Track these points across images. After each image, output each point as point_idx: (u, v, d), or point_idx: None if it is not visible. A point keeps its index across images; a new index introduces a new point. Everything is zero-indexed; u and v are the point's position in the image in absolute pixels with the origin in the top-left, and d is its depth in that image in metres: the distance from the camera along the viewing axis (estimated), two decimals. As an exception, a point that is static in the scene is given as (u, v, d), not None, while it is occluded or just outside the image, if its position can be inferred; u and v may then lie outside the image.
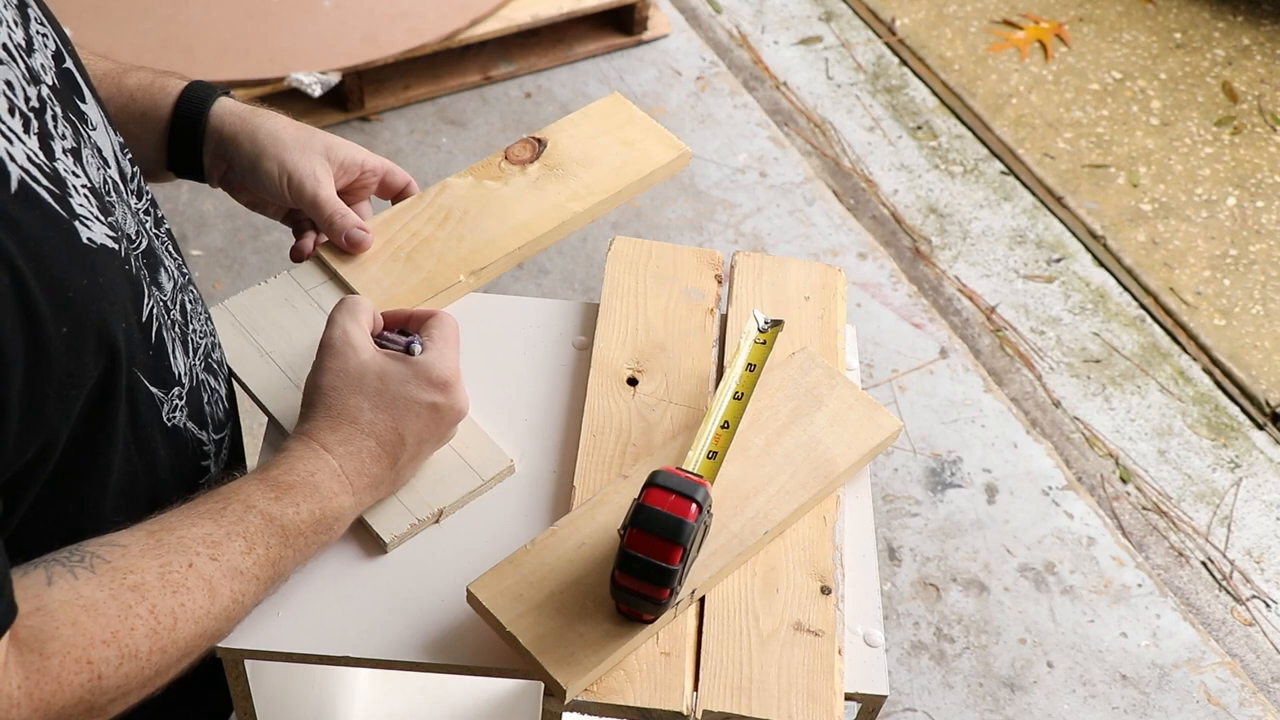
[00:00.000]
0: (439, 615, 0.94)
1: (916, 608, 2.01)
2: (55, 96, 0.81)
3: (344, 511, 0.91)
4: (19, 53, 0.78)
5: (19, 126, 0.74)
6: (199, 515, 0.83)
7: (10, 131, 0.72)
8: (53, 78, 0.82)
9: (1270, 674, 2.00)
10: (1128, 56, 2.96)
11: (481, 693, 1.47)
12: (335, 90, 2.51)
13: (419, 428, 0.93)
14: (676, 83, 2.74)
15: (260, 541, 0.84)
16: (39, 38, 0.82)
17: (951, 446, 2.20)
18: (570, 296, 2.34)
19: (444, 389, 0.94)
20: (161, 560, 0.79)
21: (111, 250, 0.79)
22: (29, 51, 0.80)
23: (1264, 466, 2.25)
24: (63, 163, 0.77)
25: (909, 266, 2.49)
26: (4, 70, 0.74)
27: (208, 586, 0.80)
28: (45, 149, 0.76)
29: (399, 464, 0.94)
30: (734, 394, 0.99)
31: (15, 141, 0.72)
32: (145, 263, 0.87)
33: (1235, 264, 2.56)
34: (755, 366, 1.01)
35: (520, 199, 1.17)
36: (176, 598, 0.78)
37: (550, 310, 1.16)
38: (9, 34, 0.77)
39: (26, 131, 0.74)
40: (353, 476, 0.91)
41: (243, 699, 0.98)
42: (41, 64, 0.81)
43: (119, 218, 0.84)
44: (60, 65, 0.84)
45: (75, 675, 0.73)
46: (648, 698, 0.89)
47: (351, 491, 0.91)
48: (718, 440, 0.96)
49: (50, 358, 0.72)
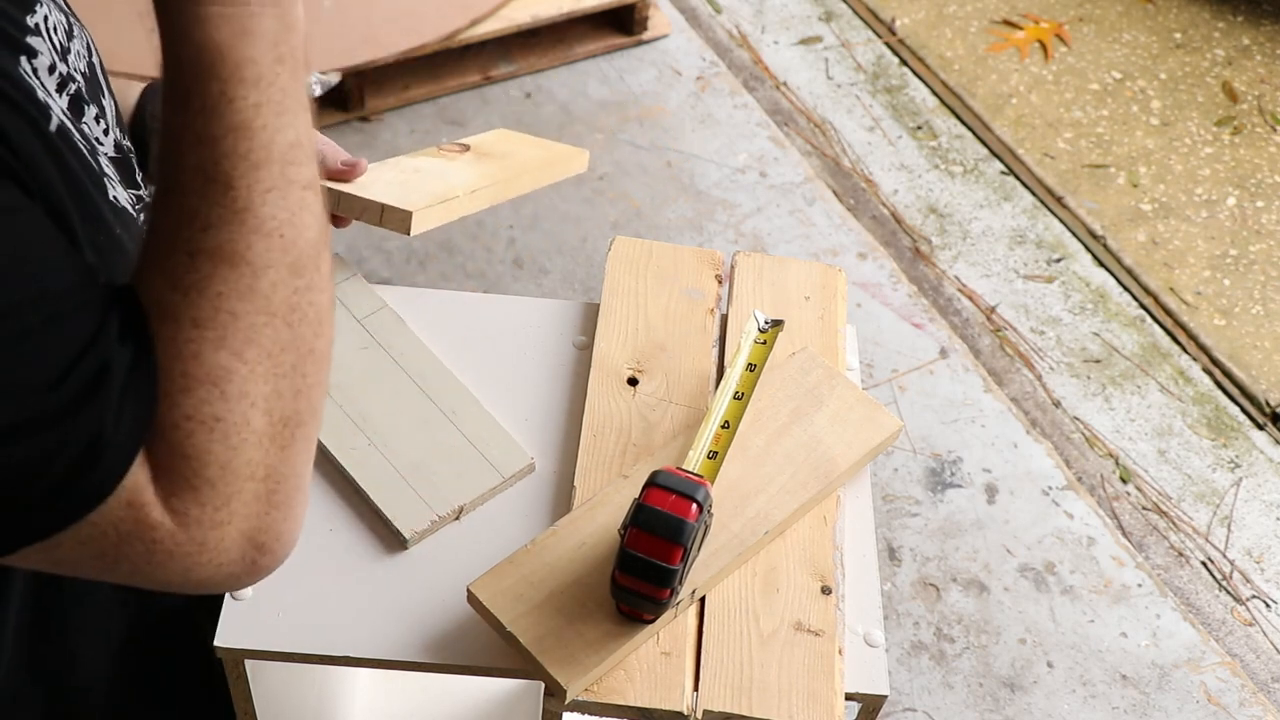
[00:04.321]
0: (439, 615, 0.94)
1: (916, 608, 2.01)
2: (85, 82, 0.82)
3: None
4: (57, 32, 0.78)
5: (54, 85, 0.74)
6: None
7: (45, 88, 0.72)
8: (84, 66, 0.83)
9: (1270, 674, 2.00)
10: (1128, 56, 2.96)
11: (481, 693, 1.47)
12: (335, 90, 2.51)
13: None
14: (676, 83, 2.74)
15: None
16: (77, 28, 0.84)
17: (951, 446, 2.20)
18: (570, 296, 2.34)
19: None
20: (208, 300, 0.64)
21: (132, 215, 0.79)
22: (69, 35, 0.81)
23: (1264, 466, 2.25)
24: (89, 127, 0.78)
25: (909, 266, 2.49)
26: (40, 42, 0.75)
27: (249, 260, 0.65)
28: (75, 110, 0.76)
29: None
30: (734, 394, 0.99)
31: (52, 98, 0.73)
32: None
33: (1235, 264, 2.56)
34: (756, 366, 1.01)
35: (469, 168, 1.19)
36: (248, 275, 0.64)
37: (550, 310, 1.16)
38: (51, 15, 0.78)
39: (60, 92, 0.75)
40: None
41: (243, 699, 0.98)
42: (77, 50, 0.82)
43: (144, 192, 0.85)
44: (90, 58, 0.85)
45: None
46: (648, 697, 0.89)
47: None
48: (718, 440, 0.96)
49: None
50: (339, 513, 1.00)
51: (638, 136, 2.62)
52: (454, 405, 1.06)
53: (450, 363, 1.09)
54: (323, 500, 1.00)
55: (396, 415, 1.04)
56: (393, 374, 1.07)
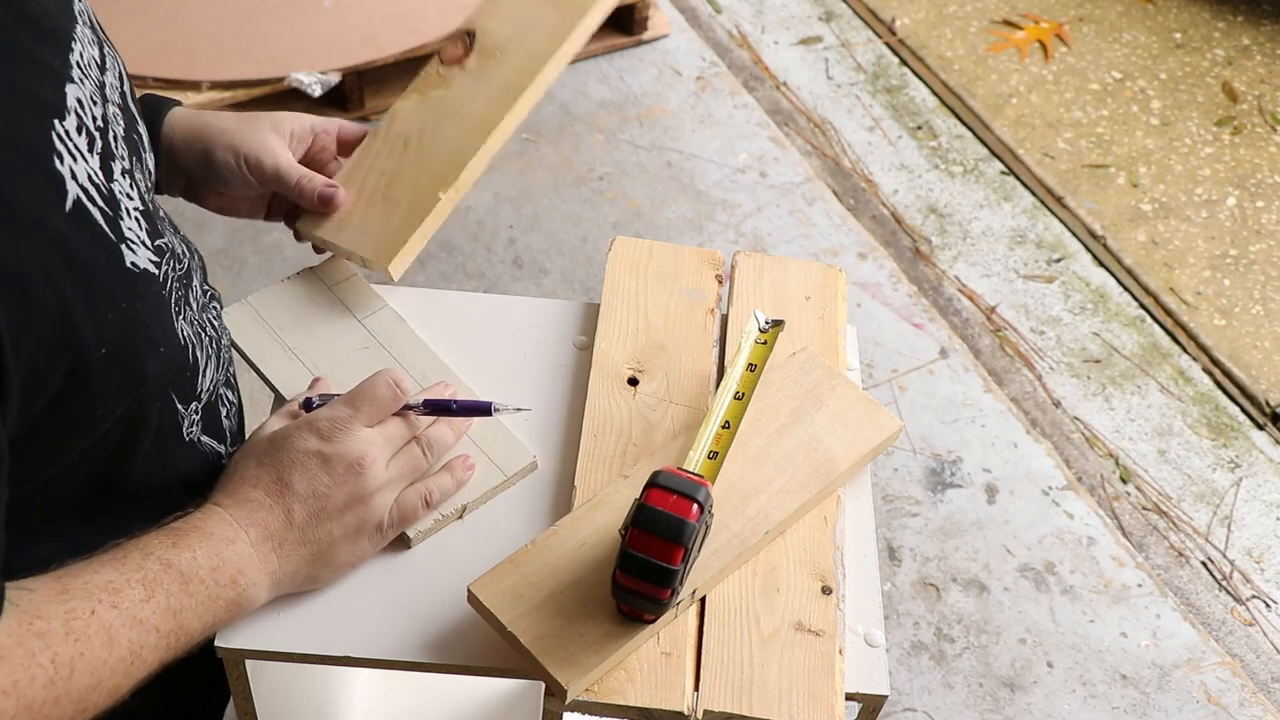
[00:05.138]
0: (439, 615, 0.94)
1: (916, 608, 2.01)
2: (120, 115, 0.81)
3: (243, 561, 0.86)
4: (93, 68, 0.78)
5: (84, 145, 0.74)
6: (101, 563, 0.80)
7: (76, 150, 0.73)
8: (119, 95, 0.83)
9: (1270, 674, 2.00)
10: (1128, 56, 2.96)
11: (481, 693, 1.47)
12: (335, 90, 2.51)
13: (308, 477, 0.89)
14: (676, 83, 2.74)
15: (159, 588, 0.80)
16: (110, 58, 0.83)
17: (951, 446, 2.20)
18: (570, 296, 2.34)
19: (327, 437, 0.89)
20: (67, 606, 0.75)
21: (151, 275, 0.79)
22: (102, 69, 0.81)
23: (1264, 466, 2.25)
24: (119, 184, 0.78)
25: (909, 266, 2.49)
26: (76, 89, 0.75)
27: (107, 635, 0.76)
28: (105, 168, 0.76)
29: (295, 517, 0.89)
30: (735, 394, 0.99)
31: (79, 159, 0.73)
32: (183, 284, 0.88)
33: (1235, 264, 2.56)
34: (756, 366, 1.01)
35: (470, 96, 1.14)
36: (77, 646, 0.74)
37: (550, 310, 1.16)
38: (84, 50, 0.78)
39: (90, 150, 0.75)
40: (244, 523, 0.87)
41: (243, 699, 0.98)
42: (110, 82, 0.82)
43: (168, 240, 0.85)
44: (123, 86, 0.85)
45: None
46: (648, 698, 0.89)
47: (248, 541, 0.86)
48: (718, 440, 0.96)
49: (90, 378, 0.73)
50: (339, 513, 1.00)
51: (638, 136, 2.62)
52: None
53: (450, 362, 1.09)
54: (323, 500, 1.00)
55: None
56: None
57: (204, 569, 0.83)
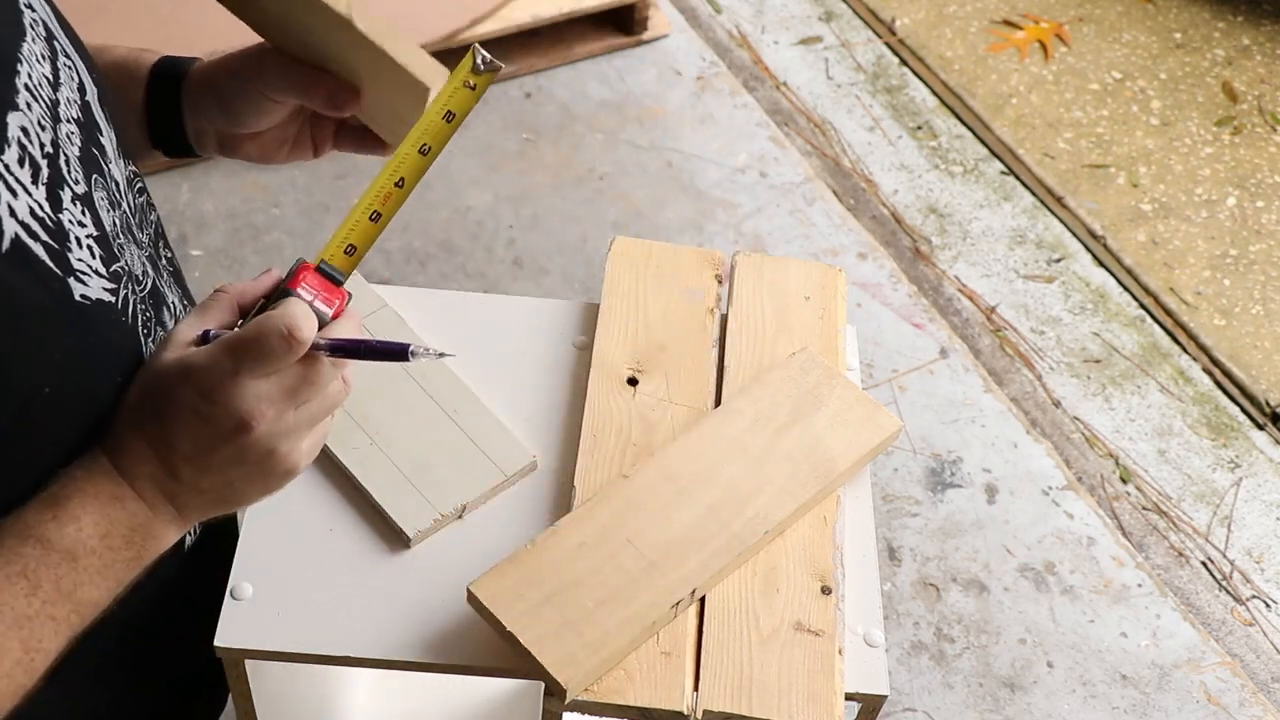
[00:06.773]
0: (439, 615, 0.94)
1: (916, 608, 2.01)
2: (78, 131, 0.78)
3: (134, 518, 0.77)
4: (44, 87, 0.75)
5: (27, 177, 0.70)
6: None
7: (16, 183, 0.69)
8: (77, 110, 0.79)
9: (1270, 674, 2.00)
10: (1128, 56, 2.96)
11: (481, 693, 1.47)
12: (335, 90, 2.51)
13: (189, 435, 0.76)
14: (676, 83, 2.74)
15: (44, 574, 0.72)
16: (65, 70, 0.79)
17: (951, 446, 2.20)
18: (570, 296, 2.34)
19: (206, 395, 0.75)
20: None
21: (107, 305, 0.77)
22: (55, 86, 0.77)
23: (1264, 466, 2.25)
24: (69, 213, 0.74)
25: (909, 266, 2.49)
26: (21, 117, 0.71)
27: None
28: (52, 198, 0.72)
29: (181, 474, 0.77)
30: (420, 147, 0.82)
31: (20, 194, 0.69)
32: (150, 303, 0.85)
33: (1235, 264, 2.56)
34: (455, 116, 0.83)
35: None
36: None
37: (550, 310, 1.16)
38: (34, 69, 0.74)
39: (35, 182, 0.71)
40: (129, 475, 0.77)
41: (243, 699, 0.98)
42: (66, 98, 0.78)
43: (126, 261, 0.81)
44: (83, 97, 0.81)
45: None
46: (648, 697, 0.89)
47: (134, 495, 0.77)
48: (385, 201, 0.81)
49: (36, 420, 0.71)
50: (340, 513, 1.00)
51: (638, 137, 2.62)
52: (455, 404, 1.06)
53: (450, 362, 1.09)
54: (324, 500, 1.00)
55: (398, 414, 1.05)
56: (394, 373, 1.07)
57: (92, 539, 0.75)
